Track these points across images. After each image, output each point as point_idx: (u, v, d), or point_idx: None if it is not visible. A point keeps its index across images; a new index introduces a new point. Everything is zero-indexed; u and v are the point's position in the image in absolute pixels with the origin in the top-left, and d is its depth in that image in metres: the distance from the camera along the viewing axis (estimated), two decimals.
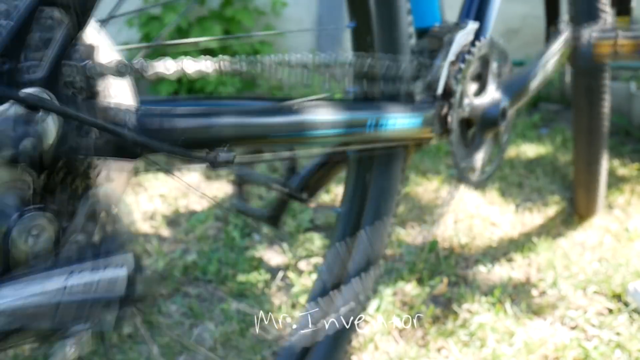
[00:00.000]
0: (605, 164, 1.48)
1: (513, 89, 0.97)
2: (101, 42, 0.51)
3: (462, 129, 0.91)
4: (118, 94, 0.52)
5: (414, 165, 2.03)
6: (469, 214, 1.65)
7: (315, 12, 3.22)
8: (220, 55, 0.55)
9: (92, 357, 1.09)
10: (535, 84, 1.03)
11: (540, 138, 2.34)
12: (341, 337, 0.87)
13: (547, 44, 1.13)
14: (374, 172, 0.85)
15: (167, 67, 0.52)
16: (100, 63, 0.46)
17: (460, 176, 0.92)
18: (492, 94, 0.93)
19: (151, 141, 0.48)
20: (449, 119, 0.85)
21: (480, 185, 0.96)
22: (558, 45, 1.11)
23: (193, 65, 0.53)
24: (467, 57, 0.86)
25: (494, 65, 0.94)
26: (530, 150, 2.19)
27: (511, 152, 2.18)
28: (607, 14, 1.27)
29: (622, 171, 1.95)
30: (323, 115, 0.65)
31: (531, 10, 3.02)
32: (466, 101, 0.88)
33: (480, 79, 0.93)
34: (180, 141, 0.51)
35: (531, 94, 1.04)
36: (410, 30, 0.81)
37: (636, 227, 1.54)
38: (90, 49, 0.48)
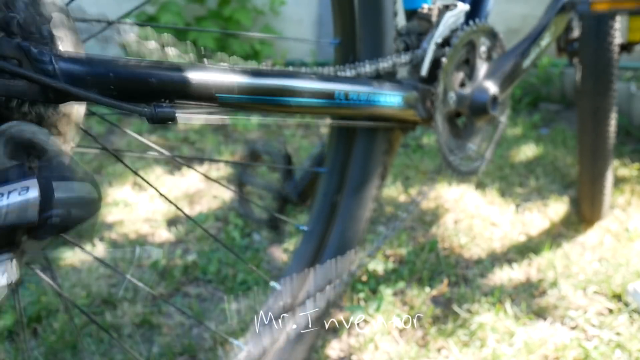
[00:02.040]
0: (610, 178, 1.48)
1: (504, 72, 0.92)
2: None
3: (450, 119, 0.87)
4: (64, 42, 0.48)
5: (414, 166, 2.03)
6: (469, 214, 1.65)
7: (315, 11, 3.21)
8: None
9: (92, 357, 1.09)
10: (528, 62, 0.98)
11: (540, 138, 2.34)
12: None
13: (540, 18, 1.08)
14: (354, 152, 0.84)
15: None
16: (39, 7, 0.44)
17: (449, 167, 0.88)
18: (481, 80, 0.89)
19: (73, 88, 0.44)
20: (433, 109, 0.81)
21: (471, 175, 0.92)
22: (552, 15, 1.06)
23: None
24: (449, 48, 0.82)
25: (481, 49, 0.89)
26: (530, 150, 2.19)
27: (511, 152, 2.18)
28: None
29: (622, 171, 1.95)
30: (277, 81, 0.61)
31: (531, 11, 3.03)
32: (451, 94, 0.84)
33: (468, 63, 0.89)
34: (113, 90, 0.47)
35: (525, 72, 0.99)
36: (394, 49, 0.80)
37: (636, 227, 1.54)
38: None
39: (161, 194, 0.65)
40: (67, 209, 0.42)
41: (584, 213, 1.55)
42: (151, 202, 1.75)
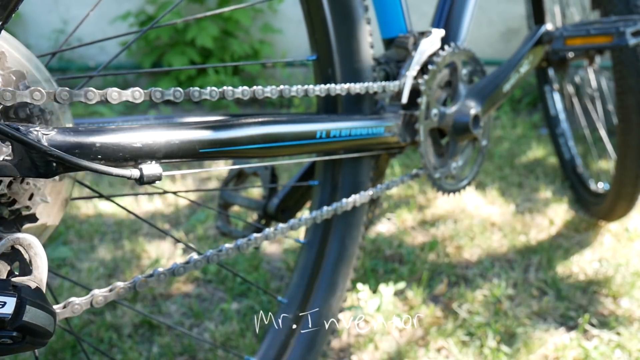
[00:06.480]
0: None
1: (485, 94, 0.96)
2: (29, 68, 0.52)
3: (434, 137, 0.91)
4: (53, 117, 0.53)
5: (414, 165, 2.03)
6: (469, 214, 1.65)
7: None
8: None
9: (92, 357, 1.09)
10: (508, 86, 1.03)
11: (540, 138, 2.34)
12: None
13: (519, 47, 1.13)
14: (341, 180, 0.86)
15: (87, 96, 0.51)
16: (12, 90, 0.46)
17: (434, 185, 0.91)
18: (463, 100, 0.92)
19: (66, 155, 0.47)
20: (417, 128, 0.85)
21: (457, 192, 0.96)
22: (530, 46, 1.11)
23: (117, 95, 0.53)
24: (431, 66, 0.85)
25: (462, 72, 0.92)
26: (530, 150, 2.19)
27: (511, 152, 2.18)
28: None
29: None
30: (257, 129, 0.64)
31: None
32: (434, 110, 0.88)
33: (450, 85, 0.92)
34: (102, 157, 0.50)
35: (506, 96, 1.03)
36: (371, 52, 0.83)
37: (636, 227, 1.54)
38: (9, 77, 0.49)
39: (160, 229, 0.65)
40: (24, 334, 0.43)
41: (617, 210, 1.50)
42: (151, 202, 1.75)
